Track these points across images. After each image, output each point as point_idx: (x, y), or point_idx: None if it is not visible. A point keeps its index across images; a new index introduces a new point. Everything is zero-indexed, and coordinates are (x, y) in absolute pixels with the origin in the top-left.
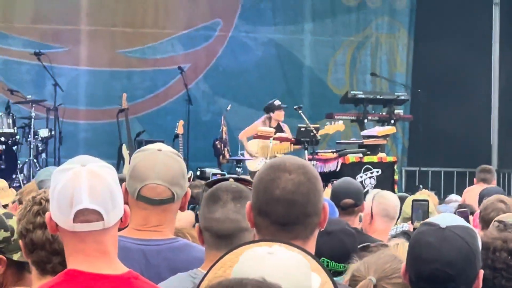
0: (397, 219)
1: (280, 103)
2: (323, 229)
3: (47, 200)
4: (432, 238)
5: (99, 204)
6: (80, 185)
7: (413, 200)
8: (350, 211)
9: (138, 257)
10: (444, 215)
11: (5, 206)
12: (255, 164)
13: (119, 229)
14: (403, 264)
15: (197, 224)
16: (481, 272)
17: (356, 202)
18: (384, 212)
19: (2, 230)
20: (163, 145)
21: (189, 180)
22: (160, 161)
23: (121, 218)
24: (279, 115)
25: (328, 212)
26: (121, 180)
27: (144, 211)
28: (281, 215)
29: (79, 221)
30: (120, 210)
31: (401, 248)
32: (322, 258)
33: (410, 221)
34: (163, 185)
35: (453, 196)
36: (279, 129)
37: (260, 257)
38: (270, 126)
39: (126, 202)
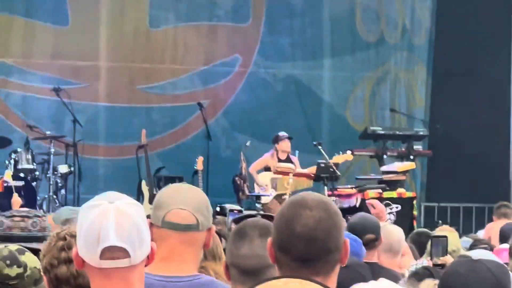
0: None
1: (284, 133)
2: (344, 265)
3: (72, 236)
4: (462, 269)
5: (126, 241)
6: (108, 222)
7: (433, 236)
8: (371, 246)
9: None
10: (481, 251)
11: None
12: (267, 197)
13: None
14: None
15: (223, 260)
16: None
17: (376, 236)
18: (387, 247)
19: (15, 266)
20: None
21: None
22: (185, 190)
23: (148, 256)
24: (284, 146)
25: (349, 248)
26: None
27: (168, 240)
28: (302, 252)
29: (106, 258)
30: (147, 247)
31: None
32: None
33: (429, 257)
34: (188, 210)
35: (481, 232)
36: (288, 161)
37: None
38: (278, 158)
39: (151, 239)
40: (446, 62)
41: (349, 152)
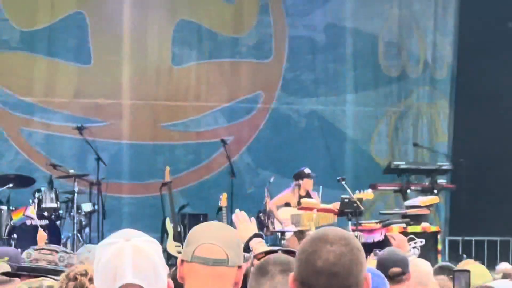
0: None
1: (310, 171)
2: None
3: (83, 275)
4: None
5: (142, 279)
6: (124, 260)
7: (455, 270)
8: (398, 279)
9: None
10: (503, 282)
11: None
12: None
13: None
14: None
15: None
16: None
17: (403, 270)
18: (417, 279)
19: None
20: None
21: None
22: (216, 226)
23: None
24: (308, 184)
25: (370, 283)
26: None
27: (199, 275)
28: (323, 287)
29: None
30: (163, 284)
31: None
32: None
33: None
34: (218, 245)
35: (503, 265)
36: (308, 197)
37: None
38: (299, 195)
39: (181, 276)
40: (468, 95)
41: (370, 190)
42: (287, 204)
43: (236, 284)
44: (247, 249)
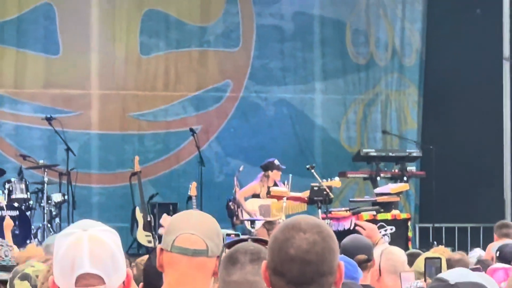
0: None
1: (279, 163)
2: None
3: None
4: None
5: (100, 268)
6: (82, 250)
7: (426, 258)
8: (363, 266)
9: None
10: (457, 270)
11: None
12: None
13: None
14: None
15: (216, 285)
16: None
17: (368, 257)
18: (392, 268)
19: None
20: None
21: None
22: (195, 216)
23: (123, 282)
24: (277, 175)
25: (343, 271)
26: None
27: (178, 266)
28: (296, 275)
29: (81, 285)
30: (122, 273)
31: None
32: None
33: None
34: (197, 235)
35: (477, 251)
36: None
37: None
38: (268, 186)
39: (160, 264)
40: (437, 82)
41: (337, 178)
42: (255, 195)
43: (215, 273)
44: None
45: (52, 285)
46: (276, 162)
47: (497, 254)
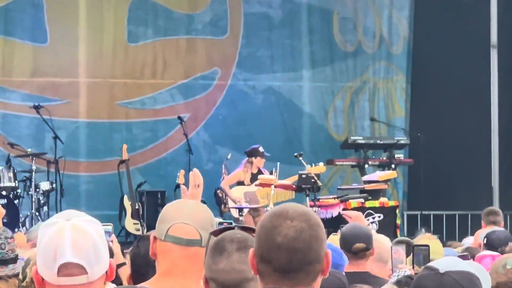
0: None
1: (263, 150)
2: (326, 276)
3: None
4: (429, 283)
5: (82, 258)
6: (64, 239)
7: (414, 245)
8: (362, 255)
9: None
10: (447, 259)
11: None
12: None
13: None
14: None
15: (202, 274)
16: None
17: (367, 246)
18: (378, 256)
19: None
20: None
21: None
22: (190, 206)
23: (106, 272)
24: (261, 162)
25: (330, 259)
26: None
27: (171, 254)
28: (283, 262)
29: (63, 275)
30: (105, 264)
31: None
32: None
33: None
34: (191, 225)
35: (471, 238)
36: (260, 174)
37: None
38: (251, 172)
39: (153, 252)
40: (425, 70)
41: (321, 164)
42: (240, 183)
43: None
44: None
45: (35, 274)
46: (261, 149)
47: (485, 241)
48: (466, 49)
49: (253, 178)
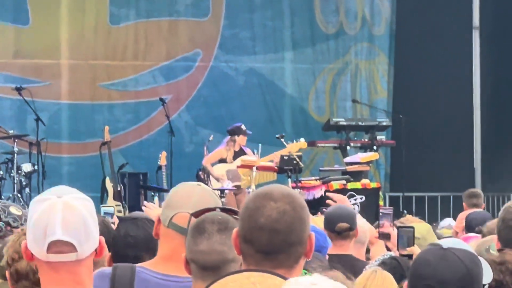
0: None
1: (245, 128)
2: (309, 259)
3: None
4: (431, 257)
5: (72, 236)
6: (54, 216)
7: (398, 227)
8: (345, 235)
9: None
10: (452, 240)
11: None
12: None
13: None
14: (404, 284)
15: (183, 255)
16: None
17: (351, 226)
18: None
19: None
20: (203, 184)
21: None
22: (197, 193)
23: (96, 250)
24: (242, 140)
25: (314, 242)
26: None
27: (172, 242)
28: (265, 244)
29: (52, 252)
30: (94, 242)
31: (379, 276)
32: None
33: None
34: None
35: (447, 220)
36: (242, 153)
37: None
38: (234, 150)
39: (157, 233)
40: (408, 52)
41: (302, 139)
42: (222, 160)
43: None
44: None
45: (25, 249)
46: (243, 127)
47: (465, 224)
48: (448, 30)
49: (236, 156)
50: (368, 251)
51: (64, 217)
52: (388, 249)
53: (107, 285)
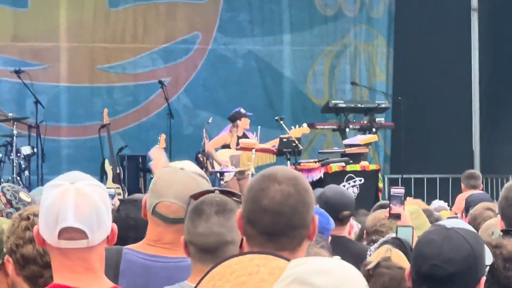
0: None
1: (245, 111)
2: (312, 242)
3: (35, 215)
4: (435, 236)
5: (84, 223)
6: (67, 203)
7: (397, 226)
8: (346, 221)
9: (141, 271)
10: (454, 220)
11: None
12: (230, 174)
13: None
14: (407, 267)
15: (182, 237)
16: (483, 279)
17: (352, 213)
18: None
19: None
20: (189, 163)
21: None
22: (179, 180)
23: (107, 236)
24: (245, 123)
25: (317, 225)
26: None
27: (158, 228)
28: (268, 226)
29: (64, 238)
30: (106, 229)
31: (394, 254)
32: None
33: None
34: (178, 204)
35: (436, 202)
36: (244, 137)
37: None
38: (237, 135)
39: (144, 215)
40: (407, 34)
41: (305, 125)
42: (225, 146)
43: None
44: None
45: (36, 234)
46: (242, 110)
47: (464, 205)
48: (447, 12)
49: (239, 143)
50: None
51: (76, 204)
52: None
53: None
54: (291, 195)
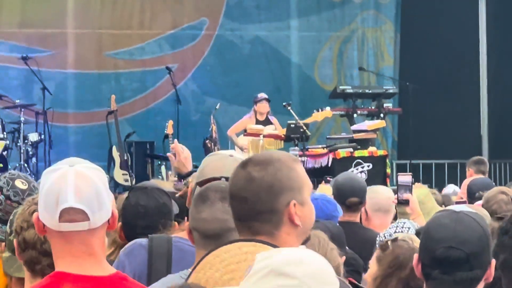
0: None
1: (262, 94)
2: (298, 226)
3: None
4: (447, 220)
5: (84, 204)
6: (66, 184)
7: (398, 176)
8: (355, 208)
9: (193, 259)
10: (459, 206)
11: None
12: None
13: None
14: (415, 255)
15: (187, 224)
16: (493, 261)
17: (361, 200)
18: (376, 206)
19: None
20: (235, 152)
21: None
22: (229, 165)
23: (108, 220)
24: (262, 107)
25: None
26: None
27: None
28: (235, 211)
29: (64, 220)
30: (107, 212)
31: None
32: None
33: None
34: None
35: (452, 187)
36: (267, 122)
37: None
38: (257, 120)
39: (190, 202)
40: (415, 19)
41: (328, 108)
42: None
43: None
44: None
45: (36, 221)
46: (260, 95)
47: (466, 190)
48: None
49: (262, 124)
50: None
51: (77, 185)
52: None
53: (145, 255)
54: (255, 180)
